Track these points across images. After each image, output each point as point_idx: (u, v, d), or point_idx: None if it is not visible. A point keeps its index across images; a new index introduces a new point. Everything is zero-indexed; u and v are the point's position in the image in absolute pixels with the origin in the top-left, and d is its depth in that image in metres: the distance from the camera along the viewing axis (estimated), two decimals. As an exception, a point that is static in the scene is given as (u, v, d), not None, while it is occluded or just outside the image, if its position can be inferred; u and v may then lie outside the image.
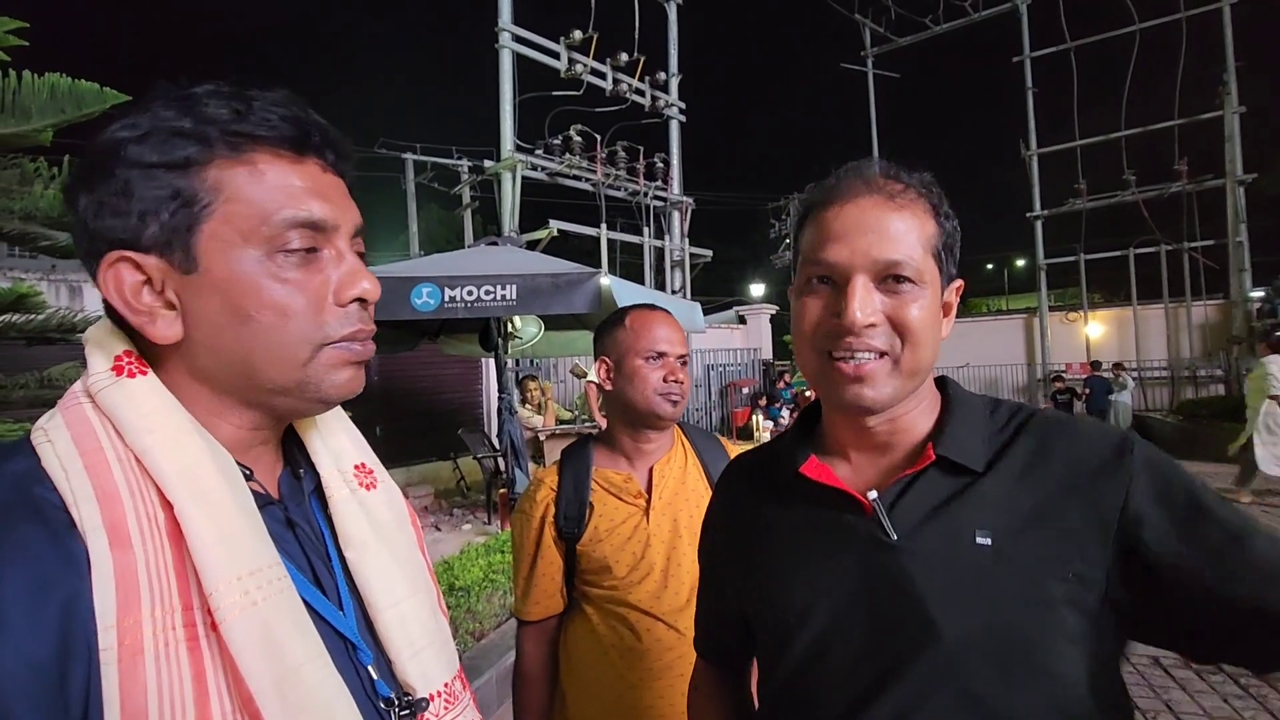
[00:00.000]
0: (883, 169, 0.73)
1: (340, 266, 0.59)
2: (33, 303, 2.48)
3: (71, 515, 0.49)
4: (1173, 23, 14.58)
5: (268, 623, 0.52)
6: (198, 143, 0.53)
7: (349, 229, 0.60)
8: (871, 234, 0.69)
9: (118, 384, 0.54)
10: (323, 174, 0.59)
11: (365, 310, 0.61)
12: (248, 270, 0.54)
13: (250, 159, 0.55)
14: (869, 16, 18.29)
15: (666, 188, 11.07)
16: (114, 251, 0.53)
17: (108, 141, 0.53)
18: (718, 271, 27.73)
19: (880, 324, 0.70)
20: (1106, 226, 16.59)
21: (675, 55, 11.32)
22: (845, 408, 0.73)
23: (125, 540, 0.49)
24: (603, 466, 1.39)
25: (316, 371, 0.58)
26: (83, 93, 2.51)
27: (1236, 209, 13.66)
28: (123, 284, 0.54)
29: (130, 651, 0.47)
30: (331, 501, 0.67)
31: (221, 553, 0.51)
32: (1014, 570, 0.65)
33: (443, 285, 4.38)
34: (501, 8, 8.59)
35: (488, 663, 3.23)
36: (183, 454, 0.53)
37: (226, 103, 0.55)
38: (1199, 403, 12.59)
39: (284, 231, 0.55)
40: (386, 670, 0.64)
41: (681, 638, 1.30)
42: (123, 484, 0.51)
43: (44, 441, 0.52)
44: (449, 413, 8.97)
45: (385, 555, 0.67)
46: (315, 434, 0.70)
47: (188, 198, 0.53)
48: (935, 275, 0.72)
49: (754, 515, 0.85)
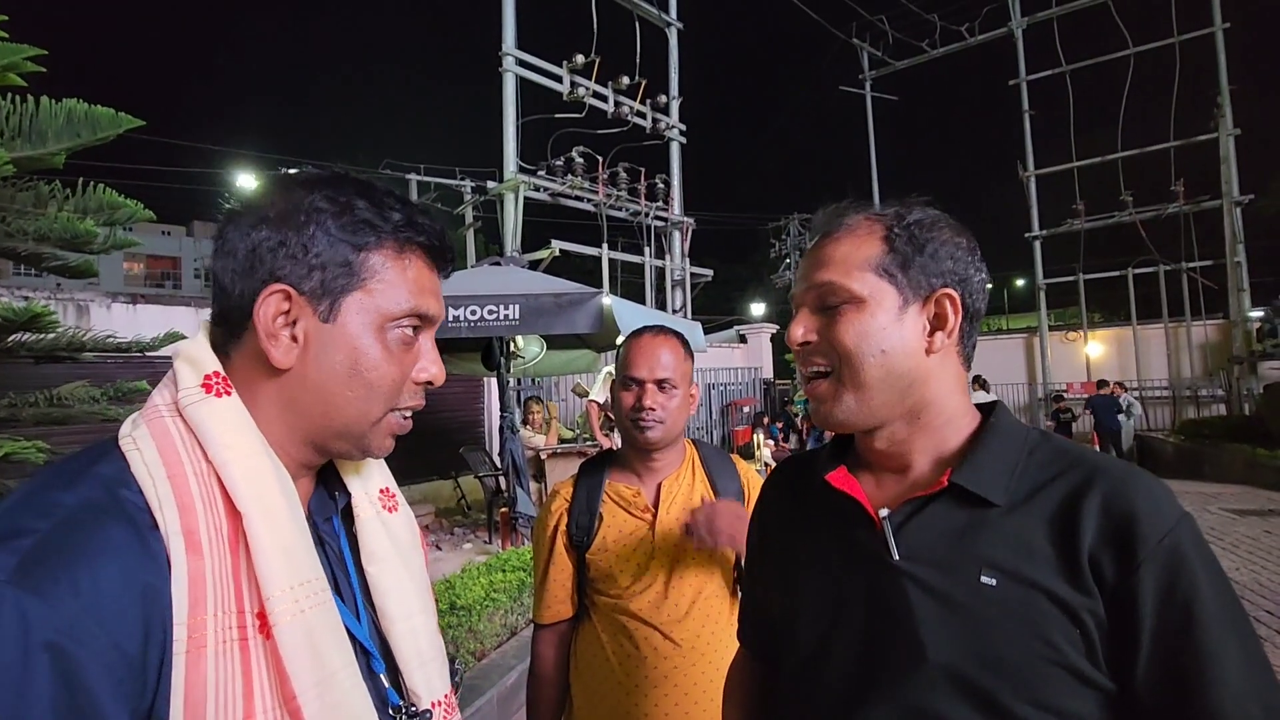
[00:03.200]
0: (838, 209, 0.80)
1: (423, 351, 0.70)
2: (45, 322, 2.51)
3: (155, 519, 0.55)
4: (1167, 46, 14.77)
5: (313, 630, 0.58)
6: (375, 233, 0.66)
7: (438, 323, 0.72)
8: (810, 270, 0.78)
9: (205, 401, 0.61)
10: (438, 279, 0.72)
11: (424, 390, 0.71)
12: (370, 335, 0.65)
13: (405, 257, 0.67)
14: (867, 41, 18.57)
15: (667, 208, 11.15)
16: (279, 284, 0.63)
17: (308, 204, 0.64)
18: (718, 291, 27.82)
19: (815, 341, 0.77)
20: (1105, 247, 16.67)
21: (676, 78, 11.47)
22: (819, 424, 0.78)
23: (198, 546, 0.55)
24: (616, 480, 1.44)
25: (378, 431, 0.68)
26: (98, 117, 2.56)
27: (1234, 229, 13.73)
28: (270, 309, 0.62)
29: (196, 645, 0.53)
30: (359, 520, 0.74)
31: (282, 563, 0.58)
32: (1013, 617, 0.64)
33: (446, 304, 4.41)
34: (505, 33, 8.74)
35: (489, 682, 3.22)
36: (256, 471, 0.60)
37: (401, 207, 0.68)
38: (1201, 423, 12.54)
39: (406, 317, 0.67)
40: (393, 679, 0.70)
41: (678, 649, 1.34)
42: (197, 495, 0.57)
43: (133, 449, 0.58)
44: (451, 431, 8.97)
45: (403, 572, 0.74)
46: (352, 462, 0.76)
47: (354, 269, 0.65)
48: (884, 288, 0.74)
49: (785, 516, 0.90)
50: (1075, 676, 0.63)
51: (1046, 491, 0.69)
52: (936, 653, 0.66)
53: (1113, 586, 0.63)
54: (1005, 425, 0.76)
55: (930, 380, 0.75)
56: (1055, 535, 0.66)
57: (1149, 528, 0.63)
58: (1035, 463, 0.72)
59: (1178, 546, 0.62)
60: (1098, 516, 0.65)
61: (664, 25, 11.38)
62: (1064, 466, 0.70)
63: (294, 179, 0.67)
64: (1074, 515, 0.66)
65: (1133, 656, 0.62)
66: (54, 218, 2.61)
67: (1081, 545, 0.64)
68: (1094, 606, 0.63)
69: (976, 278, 0.77)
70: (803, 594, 0.80)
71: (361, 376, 0.65)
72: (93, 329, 3.03)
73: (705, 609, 1.38)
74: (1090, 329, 16.19)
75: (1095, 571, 0.64)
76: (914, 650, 0.67)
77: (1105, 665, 0.63)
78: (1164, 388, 14.94)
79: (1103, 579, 0.63)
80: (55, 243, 2.70)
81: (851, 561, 0.75)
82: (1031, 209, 16.42)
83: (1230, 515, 7.39)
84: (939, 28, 17.24)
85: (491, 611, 3.72)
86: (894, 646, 0.69)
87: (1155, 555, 0.62)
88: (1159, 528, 0.63)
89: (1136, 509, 0.64)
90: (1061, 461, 0.71)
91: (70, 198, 2.76)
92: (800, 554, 0.83)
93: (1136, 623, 0.62)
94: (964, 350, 0.78)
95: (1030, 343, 16.63)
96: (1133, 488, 0.66)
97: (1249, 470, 9.56)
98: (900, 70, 18.76)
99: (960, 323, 0.75)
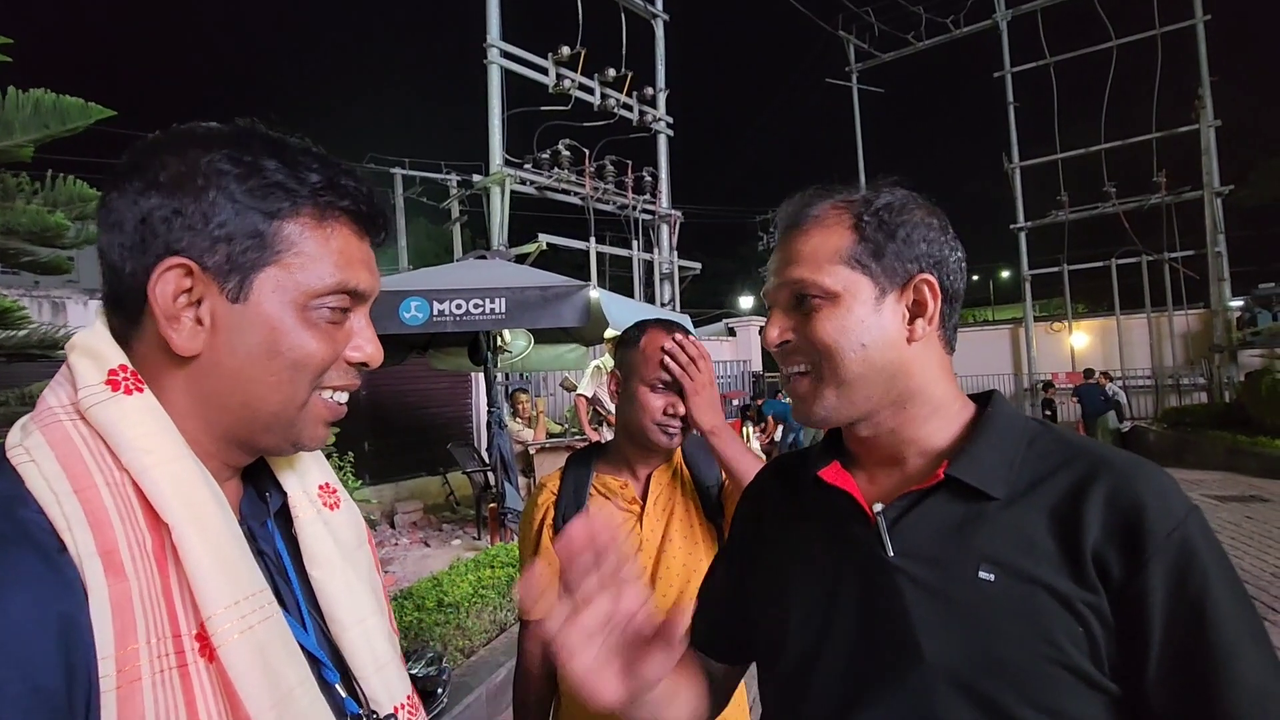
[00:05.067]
0: (805, 199, 0.77)
1: (356, 329, 0.63)
2: (15, 318, 2.45)
3: (63, 540, 0.48)
4: (1149, 38, 14.91)
5: (264, 648, 0.52)
6: (290, 199, 0.57)
7: (372, 298, 0.65)
8: (781, 266, 0.75)
9: (113, 399, 0.53)
10: (369, 248, 0.64)
11: (359, 370, 0.65)
12: (290, 316, 0.58)
13: (327, 225, 0.59)
14: (853, 33, 18.58)
15: (655, 201, 11.11)
16: (176, 258, 0.55)
17: (207, 166, 0.55)
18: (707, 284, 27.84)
19: (794, 340, 0.74)
20: (1089, 238, 16.84)
21: (663, 70, 11.41)
22: (801, 421, 0.76)
23: (119, 567, 0.48)
24: (603, 472, 1.42)
25: (307, 417, 0.61)
26: (67, 108, 2.49)
27: (1214, 220, 13.91)
28: (168, 288, 0.55)
29: (128, 680, 0.46)
30: (297, 521, 0.68)
31: (221, 578, 0.51)
32: (1014, 614, 0.62)
33: (431, 299, 4.37)
34: (490, 24, 8.64)
35: (477, 679, 3.19)
36: (181, 476, 0.53)
37: (320, 167, 0.60)
38: (1183, 410, 12.75)
39: (332, 292, 0.59)
40: (348, 686, 0.65)
41: None
42: (112, 508, 0.50)
43: (26, 461, 0.50)
44: (438, 427, 8.91)
45: (350, 574, 0.68)
46: (283, 457, 0.70)
47: (265, 241, 0.57)
48: (858, 280, 0.71)
49: (775, 512, 0.86)
50: (1079, 678, 0.60)
51: (1048, 484, 0.66)
52: (934, 654, 0.63)
53: (1119, 583, 0.60)
54: (1003, 415, 0.73)
55: (914, 369, 0.72)
56: (1057, 529, 0.63)
57: (1157, 521, 0.60)
58: (1035, 454, 0.69)
59: (1187, 540, 0.59)
60: (1102, 510, 0.62)
61: (650, 17, 11.30)
62: (1066, 458, 0.67)
63: (188, 134, 0.58)
64: (1077, 508, 0.63)
65: (1142, 657, 0.59)
66: (21, 211, 2.54)
67: (1085, 540, 0.61)
68: (1098, 603, 0.60)
69: (953, 258, 0.74)
70: (793, 594, 0.76)
71: (283, 357, 0.57)
72: (68, 325, 2.96)
73: (690, 600, 1.36)
74: (1075, 319, 16.34)
75: (1100, 567, 0.61)
76: (910, 651, 0.64)
77: (1109, 666, 0.60)
78: (1147, 377, 15.12)
79: (1108, 575, 0.60)
80: (24, 237, 2.63)
81: (844, 559, 0.72)
82: (1017, 200, 16.53)
83: (1212, 502, 7.50)
84: (924, 20, 17.28)
85: (480, 608, 3.69)
86: (889, 648, 0.66)
87: (1164, 550, 0.59)
88: (1167, 521, 0.60)
89: (1144, 502, 0.61)
90: (1063, 453, 0.68)
91: (39, 191, 2.69)
92: (790, 552, 0.80)
93: (1145, 621, 0.59)
94: (945, 334, 0.75)
95: (1016, 334, 16.76)
96: (1139, 480, 0.63)
97: (1230, 457, 9.72)
98: (886, 63, 18.81)
99: (940, 307, 0.72)
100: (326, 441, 0.64)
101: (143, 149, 0.57)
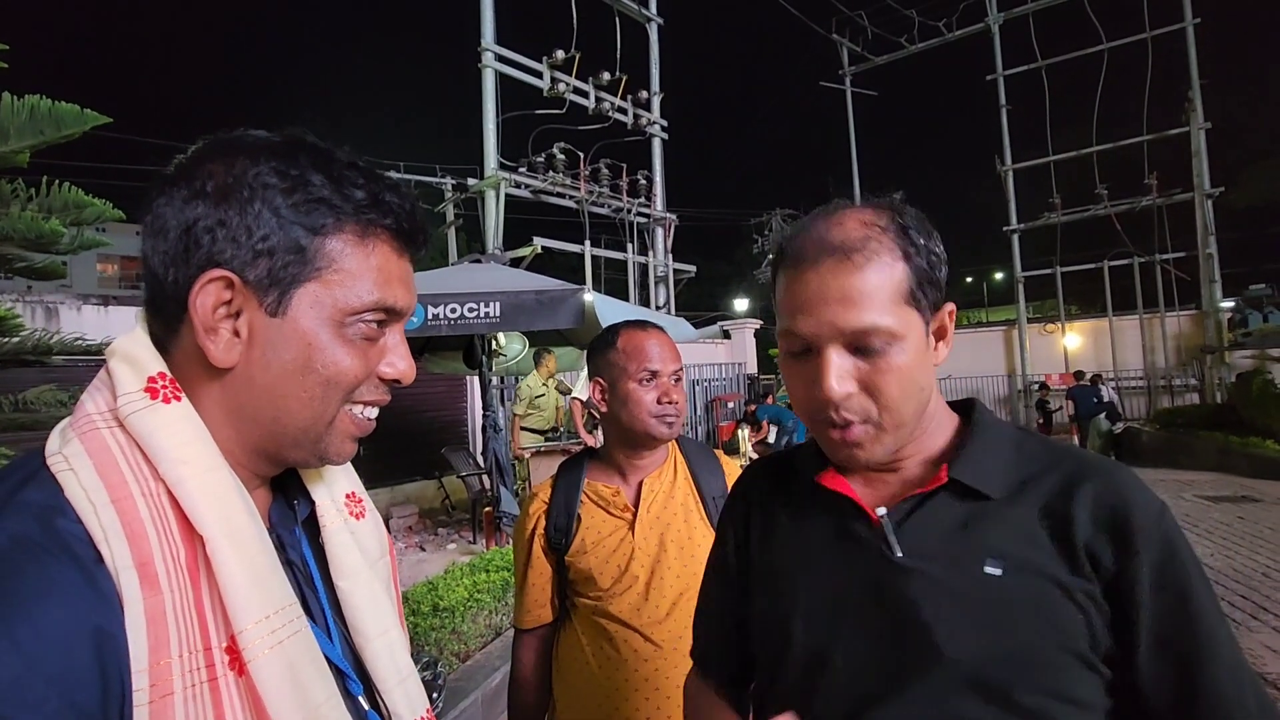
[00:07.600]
0: (840, 218, 0.70)
1: (390, 345, 0.63)
2: (9, 325, 2.44)
3: (100, 551, 0.47)
4: (1139, 41, 15.03)
5: (293, 663, 0.52)
6: (334, 215, 0.57)
7: (409, 315, 0.64)
8: (835, 304, 0.67)
9: (151, 408, 0.53)
10: (408, 265, 0.64)
11: (390, 387, 0.64)
12: (327, 332, 0.58)
13: (369, 242, 0.59)
14: (847, 36, 18.68)
15: (650, 204, 11.13)
16: (218, 270, 0.54)
17: (253, 178, 0.55)
18: (702, 287, 27.86)
19: (855, 392, 0.69)
20: (1081, 239, 16.94)
21: (657, 74, 11.45)
22: (843, 466, 0.74)
23: (154, 580, 0.48)
24: (595, 480, 1.41)
25: (334, 433, 0.61)
26: (63, 114, 2.48)
27: (1205, 222, 14.00)
28: (208, 299, 0.54)
29: (160, 694, 0.46)
30: (325, 531, 0.67)
31: (253, 593, 0.51)
32: (1024, 604, 0.65)
33: (426, 303, 4.37)
34: (484, 28, 8.66)
35: (473, 684, 3.19)
36: (216, 488, 0.53)
37: (366, 183, 0.59)
38: (1175, 411, 12.82)
39: (370, 310, 0.59)
40: (370, 699, 0.64)
41: (659, 650, 1.31)
42: (148, 520, 0.49)
43: (65, 469, 0.50)
44: (433, 431, 8.89)
45: (376, 585, 0.68)
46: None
47: (306, 256, 0.57)
48: (914, 318, 0.69)
49: (769, 519, 0.85)
50: (1082, 662, 0.64)
51: (1039, 483, 0.70)
52: (953, 649, 0.65)
53: (1111, 573, 0.65)
54: (991, 421, 0.77)
55: (932, 390, 0.74)
56: (1051, 524, 0.67)
57: (1144, 518, 0.66)
58: (1023, 457, 0.73)
59: (1168, 534, 0.66)
60: (1092, 507, 0.67)
61: (644, 20, 11.34)
62: (1053, 459, 0.72)
63: (236, 144, 0.57)
64: (1068, 505, 0.67)
65: (1133, 638, 0.64)
66: (17, 217, 2.54)
67: (1077, 534, 0.66)
68: (1093, 592, 0.65)
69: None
70: (796, 599, 0.76)
71: (317, 374, 0.57)
72: (61, 331, 2.95)
73: (686, 610, 1.34)
74: (1067, 321, 16.42)
75: (1091, 558, 0.65)
76: (929, 649, 0.66)
77: (1102, 649, 0.65)
78: (1139, 378, 15.21)
79: (1099, 565, 0.65)
80: (19, 243, 2.63)
81: (851, 562, 0.73)
82: (1009, 203, 16.64)
83: (1205, 502, 7.53)
84: (917, 23, 17.40)
85: (475, 612, 3.68)
86: (906, 647, 0.67)
87: (1151, 543, 0.65)
88: (1152, 517, 0.66)
89: (1130, 500, 0.67)
90: (1050, 455, 0.72)
91: (34, 197, 2.68)
92: (789, 556, 0.80)
93: (1137, 606, 0.64)
94: None
95: (1009, 335, 16.84)
96: (1122, 481, 0.68)
97: (1222, 457, 9.78)
98: (880, 66, 18.90)
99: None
100: (352, 455, 0.64)
101: (190, 157, 0.57)
